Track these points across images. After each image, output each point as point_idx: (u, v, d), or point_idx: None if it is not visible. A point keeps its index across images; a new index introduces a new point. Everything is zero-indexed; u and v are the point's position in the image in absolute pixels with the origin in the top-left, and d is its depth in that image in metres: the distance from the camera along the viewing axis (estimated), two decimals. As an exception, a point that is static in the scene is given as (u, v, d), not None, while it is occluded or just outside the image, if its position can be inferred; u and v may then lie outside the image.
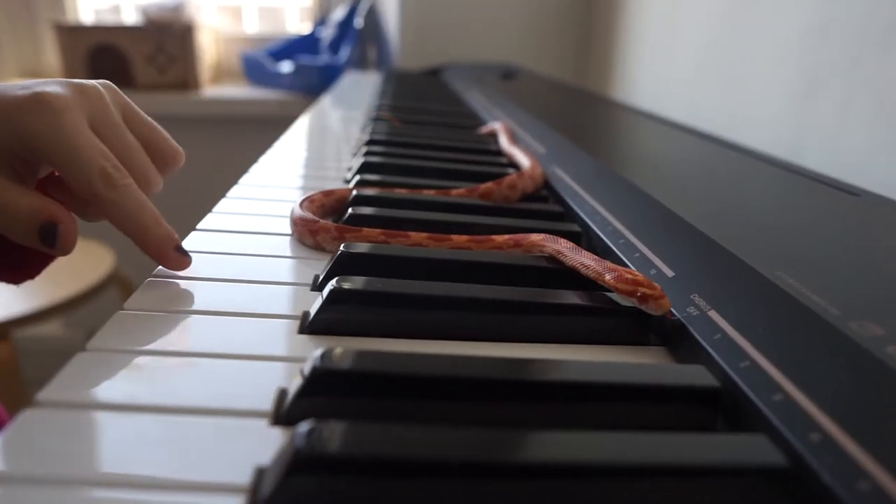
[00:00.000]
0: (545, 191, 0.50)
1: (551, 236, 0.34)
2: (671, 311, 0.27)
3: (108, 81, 0.33)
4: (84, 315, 1.43)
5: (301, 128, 0.74)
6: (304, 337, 0.27)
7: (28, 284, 0.37)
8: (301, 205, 0.39)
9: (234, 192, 0.47)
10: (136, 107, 0.34)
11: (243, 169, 0.52)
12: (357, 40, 1.59)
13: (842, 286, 0.26)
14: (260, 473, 0.19)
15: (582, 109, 0.81)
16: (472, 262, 0.32)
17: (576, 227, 0.41)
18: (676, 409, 0.23)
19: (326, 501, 0.17)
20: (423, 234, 0.35)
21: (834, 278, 0.27)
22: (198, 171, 1.70)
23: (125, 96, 0.34)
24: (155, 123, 0.36)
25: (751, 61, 0.88)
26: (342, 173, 0.54)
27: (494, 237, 0.35)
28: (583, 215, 0.40)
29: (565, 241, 0.33)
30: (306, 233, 0.36)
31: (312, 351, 0.23)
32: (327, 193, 0.42)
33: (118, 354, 0.24)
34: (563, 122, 0.67)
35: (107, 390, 0.22)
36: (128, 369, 0.23)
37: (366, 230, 0.35)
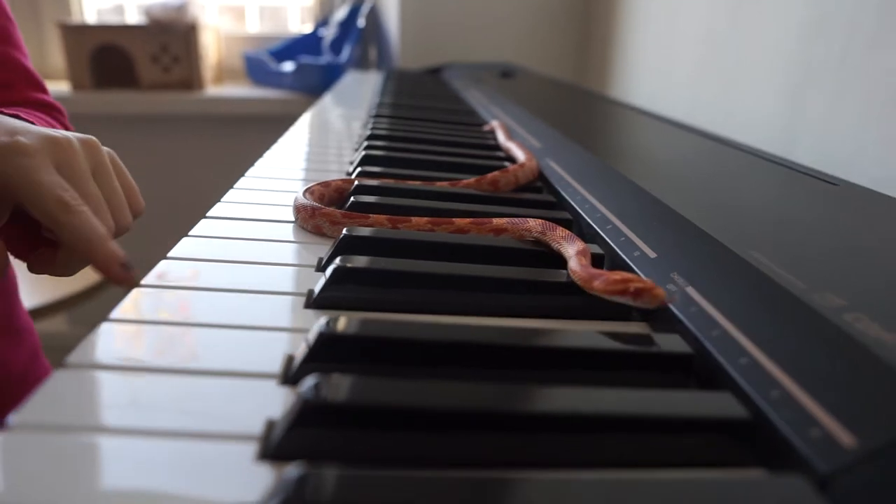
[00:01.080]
0: (539, 182, 0.51)
1: (549, 224, 0.36)
2: (667, 302, 0.27)
3: (91, 137, 0.38)
4: (89, 311, 1.45)
5: (303, 125, 0.76)
6: (310, 311, 0.29)
7: (32, 280, 0.41)
8: (304, 193, 0.41)
9: (240, 183, 0.48)
10: (110, 164, 0.39)
11: (246, 166, 0.54)
12: (358, 40, 1.61)
13: (809, 264, 0.28)
14: (270, 425, 0.20)
15: (576, 106, 0.83)
16: (470, 245, 0.34)
17: (567, 215, 0.43)
18: (653, 373, 0.25)
19: (330, 447, 0.19)
20: (424, 219, 0.36)
21: (803, 257, 0.28)
22: (201, 168, 1.73)
23: (105, 154, 0.39)
24: (129, 180, 0.40)
25: (747, 59, 0.90)
26: (344, 167, 0.56)
27: (494, 220, 0.37)
28: (573, 203, 0.42)
29: (562, 229, 0.35)
30: (309, 219, 0.38)
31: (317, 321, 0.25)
32: (325, 184, 0.44)
33: (140, 325, 0.26)
34: (557, 118, 0.69)
35: (133, 350, 0.24)
36: (148, 336, 0.25)
37: (371, 216, 0.37)
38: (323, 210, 0.38)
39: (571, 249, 0.32)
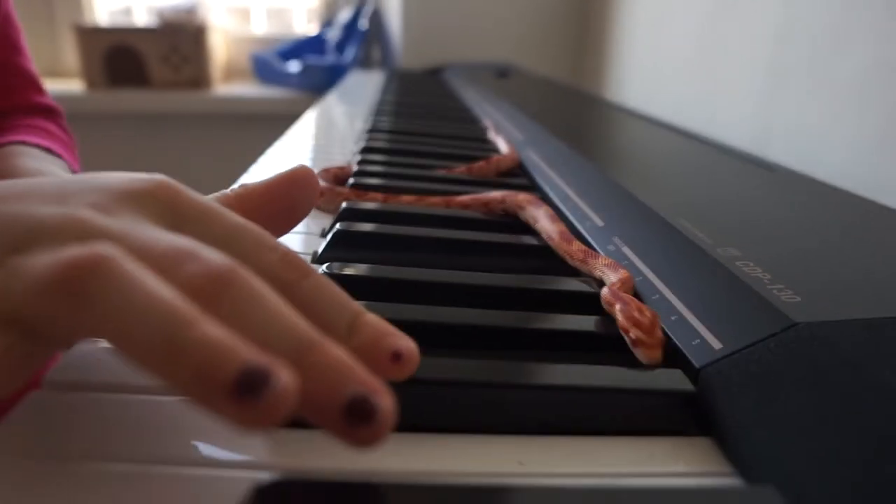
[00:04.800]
0: (519, 169, 0.58)
1: (536, 200, 0.42)
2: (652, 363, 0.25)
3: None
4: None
5: (308, 122, 0.83)
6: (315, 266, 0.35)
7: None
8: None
9: (251, 170, 0.55)
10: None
11: (253, 162, 0.60)
12: (362, 41, 1.67)
13: (723, 227, 0.34)
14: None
15: (561, 104, 0.90)
16: (452, 217, 0.41)
17: (536, 194, 0.49)
18: (587, 309, 0.31)
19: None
20: (411, 196, 0.43)
21: (720, 223, 0.35)
22: (209, 164, 1.80)
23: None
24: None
25: (727, 63, 0.96)
26: (347, 158, 0.63)
27: (459, 197, 0.44)
28: (545, 186, 0.49)
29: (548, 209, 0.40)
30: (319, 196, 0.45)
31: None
32: (326, 170, 0.50)
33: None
34: (542, 114, 0.76)
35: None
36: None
37: (370, 193, 0.43)
38: (326, 187, 0.44)
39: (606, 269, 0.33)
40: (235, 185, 0.26)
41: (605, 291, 0.29)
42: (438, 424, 0.22)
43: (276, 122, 1.66)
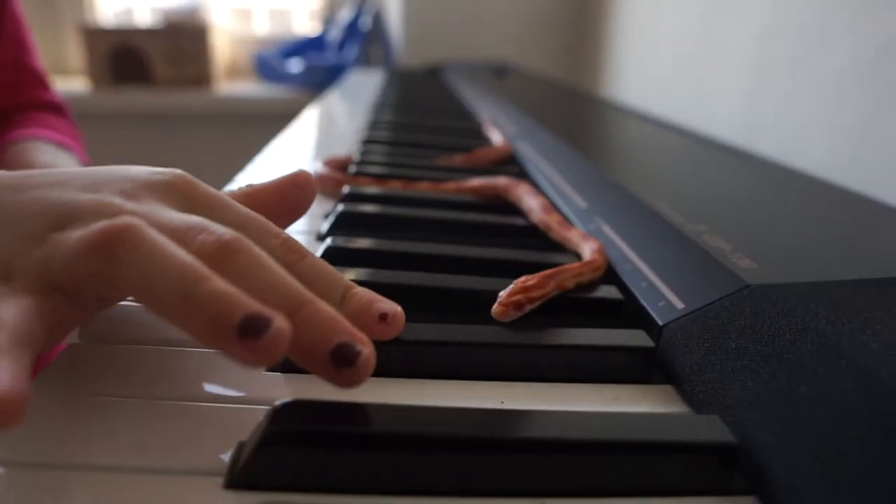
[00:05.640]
0: (511, 159, 0.61)
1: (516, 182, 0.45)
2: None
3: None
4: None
5: (309, 118, 0.85)
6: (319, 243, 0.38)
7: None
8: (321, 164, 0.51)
9: (257, 160, 0.58)
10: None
11: (254, 159, 0.62)
12: (362, 41, 1.70)
13: (696, 208, 0.37)
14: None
15: (555, 101, 0.93)
16: (443, 200, 0.44)
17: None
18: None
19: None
20: (398, 182, 0.46)
21: (694, 204, 0.38)
22: (212, 162, 1.82)
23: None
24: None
25: (717, 60, 0.99)
26: (348, 151, 0.65)
27: (451, 183, 0.47)
28: (535, 174, 0.52)
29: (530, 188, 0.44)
30: (323, 182, 0.48)
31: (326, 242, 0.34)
32: (328, 160, 0.53)
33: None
34: (536, 110, 0.79)
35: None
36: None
37: (368, 178, 0.46)
38: (328, 174, 0.47)
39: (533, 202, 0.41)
40: (242, 185, 0.29)
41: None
42: (429, 373, 0.25)
43: (277, 121, 1.69)
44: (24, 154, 0.65)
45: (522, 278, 0.29)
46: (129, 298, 0.27)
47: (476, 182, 0.46)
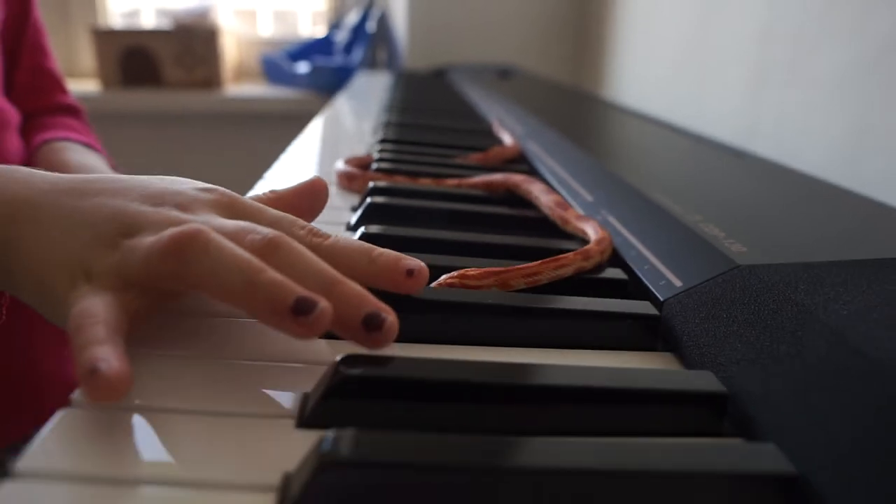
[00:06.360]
0: (521, 158, 0.64)
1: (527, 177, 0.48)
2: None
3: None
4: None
5: (324, 120, 0.89)
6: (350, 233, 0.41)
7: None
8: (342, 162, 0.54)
9: (284, 157, 0.61)
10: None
11: (264, 159, 0.65)
12: (369, 43, 1.74)
13: (694, 200, 0.40)
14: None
15: (558, 102, 0.96)
16: (460, 194, 0.47)
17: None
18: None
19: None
20: (426, 179, 0.49)
21: (692, 197, 0.41)
22: (222, 162, 1.86)
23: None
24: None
25: (715, 62, 1.03)
26: (365, 150, 0.69)
27: (467, 179, 0.50)
28: (543, 171, 0.55)
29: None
30: (345, 180, 0.51)
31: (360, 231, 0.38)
32: (350, 159, 0.57)
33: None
34: (541, 111, 0.82)
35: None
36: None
37: (391, 176, 0.50)
38: (355, 172, 0.51)
39: (544, 197, 0.45)
40: (265, 189, 0.34)
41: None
42: (452, 339, 0.29)
43: (285, 121, 1.73)
44: (57, 154, 0.68)
45: (468, 270, 0.32)
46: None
47: (493, 177, 0.49)
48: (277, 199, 0.33)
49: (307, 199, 0.34)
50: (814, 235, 0.35)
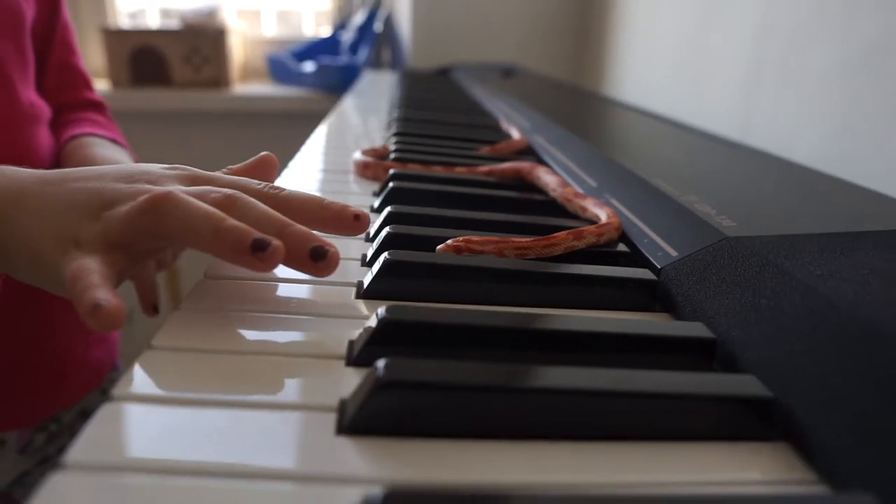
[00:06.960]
0: (528, 150, 0.68)
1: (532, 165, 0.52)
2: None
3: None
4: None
5: (336, 116, 0.93)
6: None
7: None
8: (361, 153, 0.58)
9: (302, 153, 0.65)
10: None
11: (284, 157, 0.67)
12: (374, 43, 1.77)
13: (690, 183, 0.44)
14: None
15: (561, 98, 1.00)
16: (473, 180, 0.51)
17: (545, 170, 0.59)
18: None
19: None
20: (440, 167, 0.53)
21: (687, 181, 0.45)
22: (229, 159, 1.89)
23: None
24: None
25: (713, 60, 1.06)
26: (379, 143, 0.73)
27: (480, 167, 0.54)
28: (550, 162, 0.59)
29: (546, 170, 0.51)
30: (361, 168, 0.55)
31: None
32: (367, 150, 0.61)
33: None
34: (545, 107, 0.86)
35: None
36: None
37: (409, 164, 0.54)
38: (373, 162, 0.55)
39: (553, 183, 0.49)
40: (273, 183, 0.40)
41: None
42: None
43: (291, 120, 1.77)
44: (84, 149, 0.72)
45: (472, 236, 0.36)
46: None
47: (502, 165, 0.53)
48: (234, 173, 0.39)
49: (260, 171, 0.40)
50: (796, 212, 0.38)
